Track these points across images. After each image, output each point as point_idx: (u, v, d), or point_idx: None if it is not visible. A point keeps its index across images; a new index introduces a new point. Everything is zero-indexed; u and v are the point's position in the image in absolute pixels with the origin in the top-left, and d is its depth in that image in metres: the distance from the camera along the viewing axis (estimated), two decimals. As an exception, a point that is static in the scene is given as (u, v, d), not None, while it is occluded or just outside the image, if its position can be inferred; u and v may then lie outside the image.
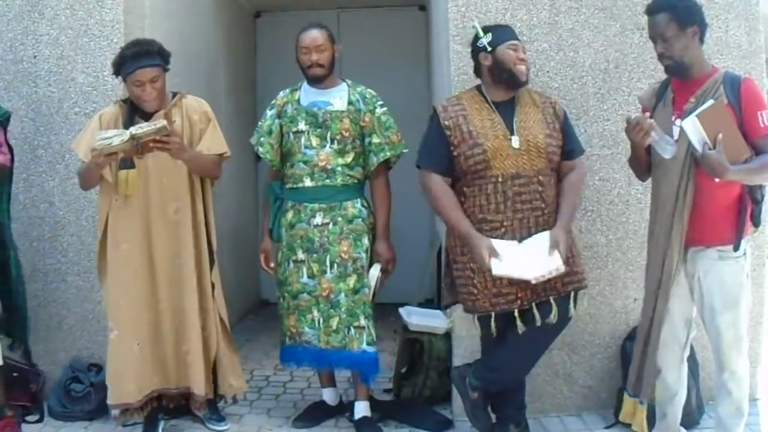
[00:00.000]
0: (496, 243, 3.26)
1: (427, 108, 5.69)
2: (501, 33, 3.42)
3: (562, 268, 3.21)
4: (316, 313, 3.83)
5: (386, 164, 3.92)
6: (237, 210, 5.99)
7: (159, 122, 3.40)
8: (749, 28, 3.98)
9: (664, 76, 3.29)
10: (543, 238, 3.28)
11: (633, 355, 3.35)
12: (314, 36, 3.80)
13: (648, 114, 3.07)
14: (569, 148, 3.44)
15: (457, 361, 3.98)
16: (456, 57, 3.96)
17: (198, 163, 3.68)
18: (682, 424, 3.40)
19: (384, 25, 6.57)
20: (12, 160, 3.86)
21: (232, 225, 5.80)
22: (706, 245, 3.08)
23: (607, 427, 3.83)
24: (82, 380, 4.05)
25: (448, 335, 4.18)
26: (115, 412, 3.72)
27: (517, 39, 3.44)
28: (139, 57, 3.51)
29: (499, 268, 3.21)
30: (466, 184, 3.39)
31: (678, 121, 3.05)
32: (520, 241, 3.30)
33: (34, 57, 4.24)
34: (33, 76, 4.24)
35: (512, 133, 3.33)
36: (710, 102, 2.94)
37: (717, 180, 2.95)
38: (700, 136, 2.90)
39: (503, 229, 3.31)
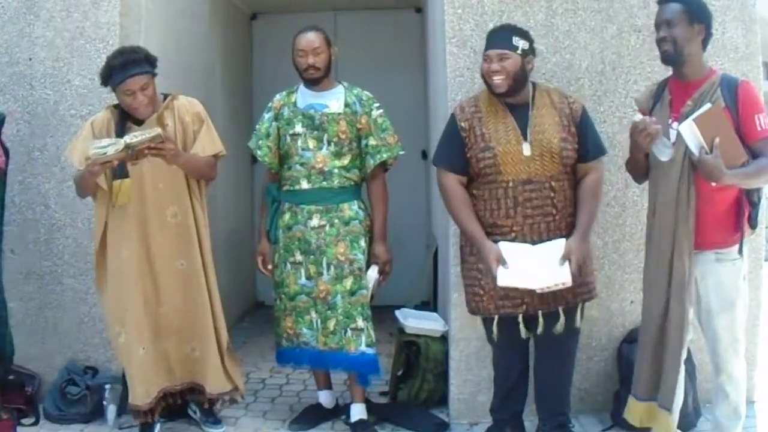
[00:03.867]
0: (507, 246, 3.22)
1: (424, 110, 5.72)
2: (487, 41, 3.41)
3: (569, 283, 3.16)
4: (313, 315, 3.84)
5: (383, 166, 3.92)
6: (233, 212, 5.99)
7: (153, 130, 3.38)
8: (746, 30, 3.97)
9: (660, 78, 3.28)
10: (557, 245, 3.22)
11: (640, 359, 3.26)
12: (310, 39, 3.80)
13: (655, 119, 3.05)
14: (584, 150, 3.36)
15: (454, 364, 3.98)
16: (452, 59, 3.95)
17: (193, 166, 3.68)
18: (679, 427, 3.37)
19: (380, 27, 6.56)
20: (6, 162, 3.85)
21: (229, 227, 5.79)
22: (703, 248, 3.08)
23: (604, 430, 3.83)
24: (78, 383, 4.03)
25: (444, 338, 4.17)
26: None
27: (497, 47, 3.30)
28: (127, 66, 3.47)
29: (504, 277, 3.17)
30: (477, 187, 3.38)
31: (675, 124, 3.05)
32: (534, 243, 3.26)
33: (30, 59, 4.22)
34: (28, 79, 4.22)
35: (525, 138, 3.30)
36: (707, 105, 2.93)
37: (713, 184, 2.95)
38: (696, 140, 2.89)
39: (513, 234, 3.29)
